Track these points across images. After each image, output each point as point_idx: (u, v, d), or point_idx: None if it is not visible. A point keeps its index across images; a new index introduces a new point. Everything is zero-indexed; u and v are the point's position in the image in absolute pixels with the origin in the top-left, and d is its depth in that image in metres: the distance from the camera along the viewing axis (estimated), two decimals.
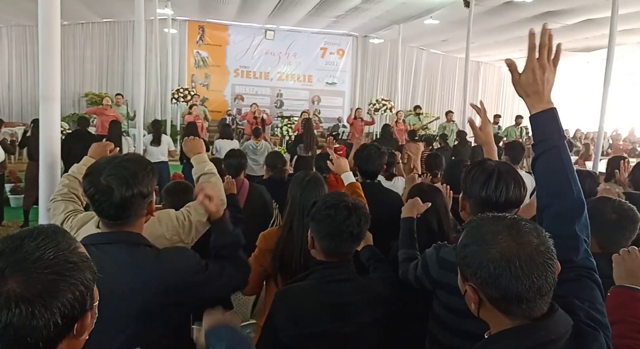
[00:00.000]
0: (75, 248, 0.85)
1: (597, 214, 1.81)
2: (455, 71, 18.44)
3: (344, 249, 1.75)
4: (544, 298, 1.06)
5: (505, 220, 1.10)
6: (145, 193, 1.48)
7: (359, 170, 3.13)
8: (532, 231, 1.06)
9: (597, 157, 7.35)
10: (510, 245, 1.04)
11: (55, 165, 2.30)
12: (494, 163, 1.73)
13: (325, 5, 12.40)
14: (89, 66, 15.43)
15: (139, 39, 6.25)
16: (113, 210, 1.44)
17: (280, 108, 17.22)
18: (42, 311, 0.77)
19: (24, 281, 0.77)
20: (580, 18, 10.56)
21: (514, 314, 1.07)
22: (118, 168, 1.44)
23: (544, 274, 1.03)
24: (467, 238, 1.12)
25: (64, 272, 0.80)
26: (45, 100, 2.22)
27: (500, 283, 1.04)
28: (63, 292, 0.79)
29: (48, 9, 2.19)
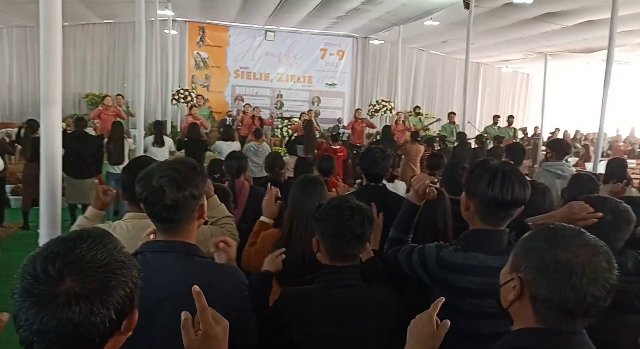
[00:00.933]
0: (122, 248, 0.90)
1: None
2: (455, 72, 18.44)
3: (347, 250, 1.76)
4: (583, 320, 1.07)
5: (585, 234, 1.11)
6: (196, 195, 1.49)
7: (364, 172, 3.13)
8: (606, 256, 1.07)
9: (597, 159, 7.34)
10: (582, 257, 1.05)
11: (56, 168, 2.31)
12: (497, 162, 1.73)
13: (326, 7, 12.41)
14: (90, 67, 15.45)
15: (139, 40, 6.26)
16: (165, 212, 1.45)
17: (280, 109, 17.23)
18: (99, 307, 0.82)
19: (81, 280, 0.81)
20: (580, 19, 10.57)
21: (546, 319, 1.08)
22: (169, 170, 1.47)
23: (598, 297, 1.04)
24: (541, 235, 1.12)
25: (115, 270, 0.85)
26: (46, 103, 2.23)
27: (554, 287, 1.05)
28: (116, 289, 0.84)
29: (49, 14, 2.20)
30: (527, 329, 1.11)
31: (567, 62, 15.47)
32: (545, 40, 12.84)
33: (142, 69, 6.22)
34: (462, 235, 1.80)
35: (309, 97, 17.76)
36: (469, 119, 13.07)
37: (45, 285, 0.80)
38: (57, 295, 0.79)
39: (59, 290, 0.80)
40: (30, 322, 0.79)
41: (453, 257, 1.74)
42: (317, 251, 1.82)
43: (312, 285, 1.82)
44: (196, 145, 7.82)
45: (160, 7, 11.50)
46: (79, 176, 6.55)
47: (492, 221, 1.70)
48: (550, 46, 13.57)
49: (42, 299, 0.79)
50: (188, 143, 7.92)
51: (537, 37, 12.62)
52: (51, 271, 0.81)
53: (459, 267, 1.71)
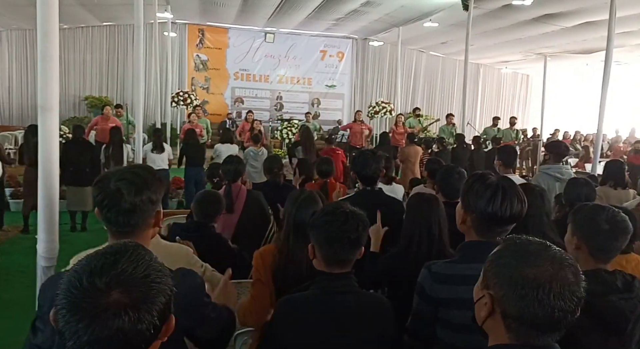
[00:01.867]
0: (156, 258, 0.95)
1: (591, 223, 1.83)
2: (454, 73, 18.46)
3: (342, 255, 1.75)
4: (554, 334, 1.08)
5: (551, 248, 1.12)
6: (154, 200, 1.48)
7: (357, 176, 3.13)
8: (572, 269, 1.08)
9: (596, 160, 7.35)
10: (548, 272, 1.06)
11: (53, 173, 2.31)
12: (495, 177, 1.74)
13: (325, 9, 12.43)
14: (89, 69, 15.47)
15: (138, 43, 6.26)
16: (122, 216, 1.43)
17: (280, 111, 17.25)
18: (145, 315, 0.86)
19: (127, 291, 0.85)
20: (579, 21, 10.59)
21: (517, 335, 1.09)
22: (127, 173, 1.46)
23: (566, 310, 1.05)
24: (507, 251, 1.13)
25: (155, 279, 0.90)
26: (43, 110, 2.23)
27: (522, 303, 1.06)
28: (158, 297, 0.88)
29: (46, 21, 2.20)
30: (503, 345, 1.12)
31: (566, 62, 15.48)
32: (545, 41, 12.85)
33: (141, 72, 6.22)
34: (459, 247, 1.80)
35: (308, 98, 17.77)
36: (469, 120, 13.08)
37: (93, 298, 0.83)
38: (106, 307, 0.83)
39: (107, 301, 0.83)
40: (80, 334, 0.82)
41: (449, 269, 1.75)
42: (313, 257, 1.82)
43: (307, 291, 1.82)
44: (195, 150, 7.83)
45: (160, 10, 11.50)
46: (78, 184, 6.56)
47: (488, 235, 1.72)
48: (550, 47, 13.58)
49: (92, 311, 0.82)
50: (187, 148, 7.93)
51: (537, 38, 12.63)
52: (98, 285, 0.84)
53: (457, 278, 1.72)
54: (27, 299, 4.61)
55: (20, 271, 5.41)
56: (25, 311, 4.35)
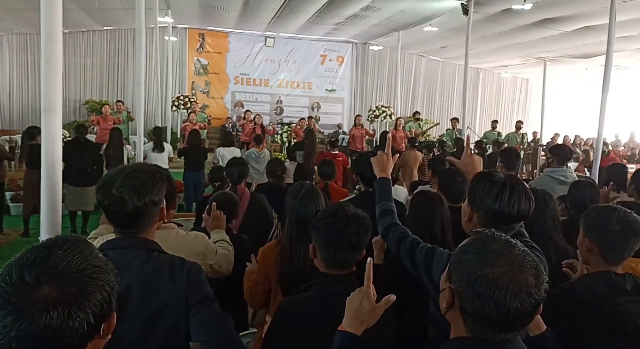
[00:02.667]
0: (97, 253, 0.92)
1: (602, 224, 1.82)
2: (454, 78, 18.51)
3: (342, 258, 1.74)
4: (510, 333, 1.09)
5: (515, 249, 1.12)
6: (157, 201, 1.53)
7: (360, 178, 3.13)
8: (533, 271, 1.08)
9: (596, 164, 7.34)
10: (508, 273, 1.06)
11: (57, 175, 2.31)
12: (502, 175, 1.73)
13: (325, 13, 12.46)
14: (90, 74, 15.50)
15: (139, 47, 6.27)
16: (127, 220, 1.50)
17: (280, 115, 17.27)
18: (77, 312, 0.82)
19: (58, 285, 0.82)
20: (578, 25, 10.62)
21: (474, 330, 1.11)
22: (128, 179, 1.49)
23: (522, 312, 1.05)
24: (471, 247, 1.15)
25: (91, 275, 0.86)
26: (47, 112, 2.24)
27: (478, 301, 1.07)
28: (93, 293, 0.85)
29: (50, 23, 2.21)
30: (462, 338, 1.14)
31: (566, 67, 15.51)
32: (544, 45, 12.89)
33: (142, 76, 6.23)
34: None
35: (308, 102, 17.80)
36: (469, 124, 13.09)
37: (22, 292, 0.80)
38: (34, 302, 0.80)
39: (36, 296, 0.80)
40: (8, 329, 0.79)
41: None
42: (314, 257, 1.82)
43: (307, 292, 1.81)
44: (196, 152, 7.83)
45: (161, 14, 11.55)
46: (79, 184, 6.56)
47: None
48: (549, 51, 13.62)
49: (20, 306, 0.79)
50: (188, 150, 7.92)
51: (536, 42, 12.67)
52: (27, 278, 0.81)
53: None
54: None
55: None
56: None
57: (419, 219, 2.49)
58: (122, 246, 1.54)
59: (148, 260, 1.54)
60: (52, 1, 2.20)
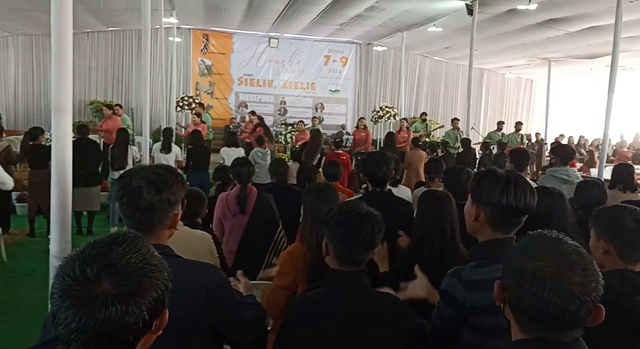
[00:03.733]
0: (153, 252, 0.95)
1: (616, 224, 1.83)
2: (458, 78, 18.49)
3: (356, 256, 1.74)
4: (561, 331, 1.08)
5: (564, 246, 1.12)
6: (172, 201, 1.51)
7: (367, 178, 3.14)
8: (579, 271, 1.07)
9: (602, 164, 7.32)
10: (550, 268, 1.07)
11: (67, 173, 2.32)
12: (503, 171, 1.74)
13: (329, 14, 12.47)
14: (94, 74, 15.56)
15: (145, 48, 6.27)
16: (139, 213, 1.47)
17: (283, 115, 17.30)
18: (133, 309, 0.86)
19: (117, 282, 0.85)
20: (583, 25, 10.59)
21: (523, 327, 1.13)
22: (149, 173, 1.50)
23: (562, 308, 1.05)
24: (520, 244, 1.19)
25: (148, 274, 0.89)
26: (57, 111, 2.24)
27: (519, 294, 1.10)
28: (149, 291, 0.88)
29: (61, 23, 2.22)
30: (522, 341, 1.15)
31: (570, 67, 15.46)
32: (549, 46, 12.86)
33: (148, 77, 6.24)
34: (473, 249, 1.78)
35: (312, 103, 17.82)
36: (473, 125, 13.08)
37: (84, 287, 0.84)
38: (94, 297, 0.84)
39: (96, 291, 0.84)
40: (69, 321, 0.83)
41: (477, 275, 1.69)
42: (326, 255, 1.82)
43: (318, 289, 1.82)
44: (200, 152, 7.84)
45: (165, 15, 11.56)
46: (84, 184, 6.58)
47: (504, 229, 1.70)
48: (554, 52, 13.59)
49: (81, 300, 0.83)
50: (192, 150, 7.94)
51: (541, 43, 12.63)
52: (89, 274, 0.85)
53: (487, 283, 1.63)
54: (35, 302, 4.63)
55: (27, 274, 5.43)
56: (33, 315, 4.38)
57: (429, 218, 2.49)
58: None
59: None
60: (62, 2, 2.21)
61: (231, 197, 3.54)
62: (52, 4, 2.22)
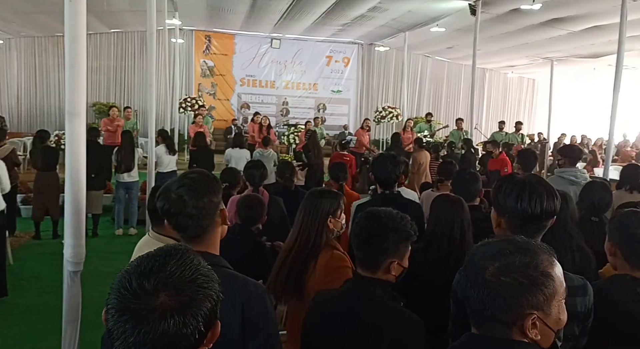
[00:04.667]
0: (204, 263, 0.95)
1: (622, 228, 1.86)
2: (460, 78, 18.47)
3: (366, 258, 1.75)
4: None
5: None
6: (216, 201, 1.53)
7: (376, 179, 3.13)
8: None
9: (607, 164, 7.31)
10: None
11: (81, 178, 2.32)
12: (523, 176, 1.74)
13: (332, 14, 12.47)
14: (97, 76, 15.57)
15: (150, 50, 6.26)
16: (189, 221, 1.48)
17: (286, 116, 17.30)
18: (191, 320, 0.86)
19: (174, 294, 0.86)
20: (587, 25, 10.57)
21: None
22: (185, 180, 1.52)
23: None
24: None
25: (202, 284, 0.90)
26: (71, 115, 2.24)
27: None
28: (204, 302, 0.89)
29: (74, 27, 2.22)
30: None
31: (573, 67, 15.43)
32: (552, 45, 12.83)
33: (153, 79, 6.23)
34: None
35: (314, 104, 17.81)
36: (476, 124, 13.07)
37: (142, 300, 0.84)
38: (153, 309, 0.84)
39: (155, 304, 0.84)
40: (127, 335, 0.83)
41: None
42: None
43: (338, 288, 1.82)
44: (204, 154, 7.85)
45: (168, 17, 11.58)
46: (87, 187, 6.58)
47: (526, 235, 1.70)
48: (557, 51, 13.55)
49: (139, 313, 0.83)
50: (196, 152, 7.96)
51: (544, 42, 12.61)
52: (147, 287, 0.85)
53: None
54: (43, 305, 4.64)
55: (34, 277, 5.43)
56: (41, 317, 4.39)
57: (438, 222, 2.51)
58: None
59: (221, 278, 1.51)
60: (76, 6, 2.21)
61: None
62: (66, 8, 2.22)
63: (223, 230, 1.61)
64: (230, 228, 2.78)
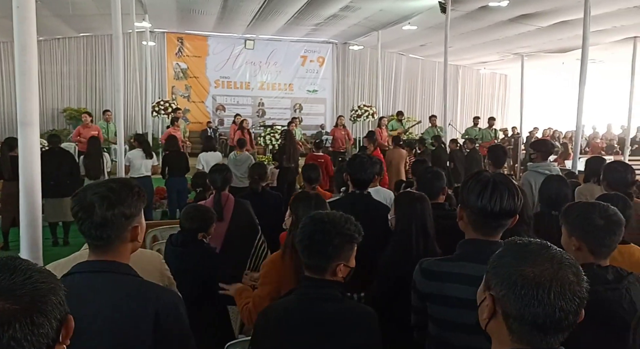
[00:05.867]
0: (34, 265, 0.91)
1: (585, 222, 1.87)
2: (435, 75, 18.65)
3: (311, 263, 1.73)
4: (557, 335, 1.06)
5: (551, 249, 1.11)
6: (127, 214, 1.47)
7: (350, 179, 3.13)
8: (572, 269, 1.07)
9: (575, 156, 7.48)
10: (548, 271, 1.05)
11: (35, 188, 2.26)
12: (489, 174, 1.76)
13: (304, 14, 12.46)
14: (67, 81, 15.27)
15: (117, 54, 6.17)
16: (94, 229, 1.43)
17: (262, 117, 17.22)
18: (39, 317, 0.82)
19: (11, 298, 0.81)
20: (554, 20, 10.77)
21: (520, 336, 1.08)
22: (103, 187, 1.47)
23: (567, 310, 1.03)
24: (508, 251, 1.13)
25: (40, 279, 0.87)
26: (23, 125, 2.18)
27: (522, 303, 1.05)
28: (47, 295, 0.85)
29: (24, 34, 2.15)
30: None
31: (543, 62, 15.73)
32: (521, 41, 13.05)
33: (121, 83, 6.13)
34: (458, 244, 1.81)
35: (290, 104, 17.78)
36: (450, 121, 13.20)
37: None
38: None
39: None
40: None
41: (437, 266, 1.77)
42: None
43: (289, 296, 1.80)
44: (177, 158, 7.75)
45: (138, 20, 11.41)
46: (57, 195, 6.45)
47: (484, 231, 1.73)
48: (526, 47, 13.79)
49: None
50: (169, 156, 7.85)
51: (513, 38, 12.82)
52: None
53: (444, 275, 1.73)
54: None
55: None
56: None
57: (412, 220, 2.48)
58: (92, 270, 1.46)
59: (118, 286, 1.46)
60: (25, 12, 2.14)
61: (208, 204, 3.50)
62: (14, 14, 2.15)
63: (134, 246, 1.55)
64: (172, 237, 2.73)
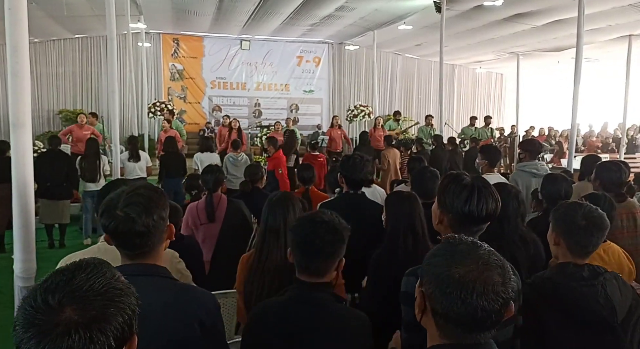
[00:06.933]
0: (119, 277, 0.93)
1: (568, 220, 1.91)
2: (430, 74, 18.67)
3: (311, 264, 1.71)
4: (482, 333, 1.10)
5: (480, 249, 1.13)
6: (164, 216, 1.49)
7: (345, 179, 3.13)
8: (498, 270, 1.09)
9: (571, 155, 7.49)
10: (474, 272, 1.08)
11: (28, 191, 2.26)
12: (469, 178, 1.77)
13: (300, 15, 12.45)
14: (62, 83, 15.21)
15: (111, 55, 6.16)
16: (138, 239, 1.44)
17: (258, 117, 17.21)
18: (98, 335, 0.83)
19: (80, 308, 0.83)
20: (549, 19, 10.80)
21: (446, 333, 1.12)
22: (132, 197, 1.45)
23: (489, 310, 1.06)
24: (439, 250, 1.17)
25: (113, 298, 0.88)
26: (15, 127, 2.18)
27: (446, 301, 1.08)
28: (114, 316, 0.86)
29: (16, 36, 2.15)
30: (435, 346, 1.15)
31: (538, 61, 15.76)
32: (517, 40, 13.08)
33: (116, 84, 6.12)
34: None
35: (287, 104, 17.77)
36: (447, 120, 13.23)
37: (45, 315, 0.82)
38: (56, 325, 0.81)
39: (59, 319, 0.82)
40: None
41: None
42: (292, 261, 1.80)
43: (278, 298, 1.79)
44: (174, 159, 7.74)
45: (133, 21, 11.37)
46: (53, 197, 6.44)
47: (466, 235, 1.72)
48: (522, 46, 13.83)
49: (43, 329, 0.81)
50: (165, 157, 7.83)
51: (508, 37, 12.85)
52: (51, 302, 0.83)
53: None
54: (5, 320, 4.49)
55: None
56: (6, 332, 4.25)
57: (400, 219, 2.49)
58: (133, 272, 1.42)
59: (163, 289, 1.48)
60: (17, 13, 2.14)
61: (201, 206, 3.51)
62: (6, 15, 2.14)
63: (166, 243, 1.58)
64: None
